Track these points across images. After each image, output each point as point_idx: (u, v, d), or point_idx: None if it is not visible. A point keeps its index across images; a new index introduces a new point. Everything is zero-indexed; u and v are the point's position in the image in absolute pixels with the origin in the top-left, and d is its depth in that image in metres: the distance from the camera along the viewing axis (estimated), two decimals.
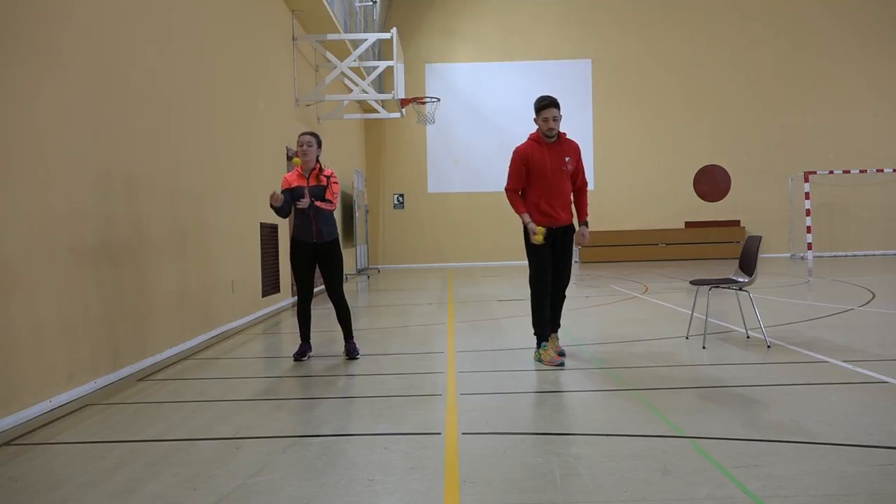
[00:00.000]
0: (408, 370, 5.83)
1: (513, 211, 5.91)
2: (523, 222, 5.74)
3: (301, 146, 6.21)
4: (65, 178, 5.00)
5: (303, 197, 6.04)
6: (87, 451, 3.86)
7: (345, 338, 6.34)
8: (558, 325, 6.10)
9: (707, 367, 5.55)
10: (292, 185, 6.22)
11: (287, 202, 6.13)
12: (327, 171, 6.33)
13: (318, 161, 6.33)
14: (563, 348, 6.05)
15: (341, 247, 6.42)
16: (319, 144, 6.35)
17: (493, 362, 6.02)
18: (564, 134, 5.86)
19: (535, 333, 5.85)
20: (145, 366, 6.08)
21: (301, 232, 6.23)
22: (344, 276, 6.41)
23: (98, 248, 5.40)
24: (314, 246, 6.23)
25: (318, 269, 6.39)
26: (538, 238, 5.58)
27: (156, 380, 5.67)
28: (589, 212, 6.06)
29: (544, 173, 5.70)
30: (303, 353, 6.27)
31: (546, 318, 5.83)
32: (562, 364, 5.61)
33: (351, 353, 6.24)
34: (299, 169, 6.28)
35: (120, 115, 5.86)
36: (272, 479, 3.27)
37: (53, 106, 4.90)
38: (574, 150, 5.85)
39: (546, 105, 5.69)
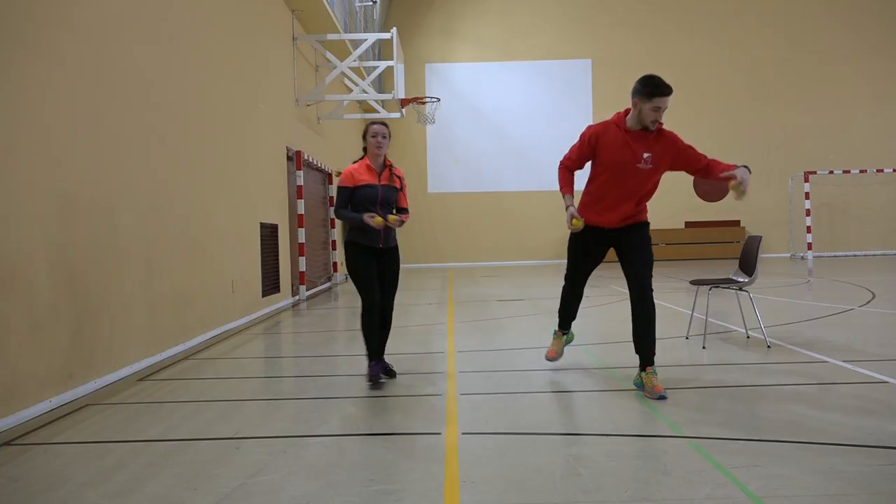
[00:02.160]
0: (408, 370, 5.82)
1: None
2: (565, 203, 4.86)
3: (375, 137, 5.28)
4: (65, 178, 5.00)
5: (389, 217, 5.17)
6: (87, 451, 3.86)
7: (381, 354, 5.43)
8: (650, 353, 4.73)
9: (707, 367, 5.54)
10: (360, 183, 5.26)
11: (356, 213, 5.24)
12: (398, 171, 5.49)
13: (386, 156, 5.46)
14: (664, 391, 4.61)
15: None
16: (390, 136, 5.45)
17: (493, 362, 6.02)
18: (660, 126, 4.76)
19: (558, 313, 5.50)
20: (145, 366, 6.08)
21: (363, 236, 5.31)
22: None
23: (98, 247, 5.40)
24: (379, 251, 5.39)
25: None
26: (577, 223, 4.76)
27: (156, 380, 5.67)
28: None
29: (613, 165, 4.75)
30: (378, 373, 5.26)
31: (569, 312, 5.40)
32: (553, 360, 5.44)
33: (390, 371, 5.47)
34: (368, 162, 5.34)
35: (120, 114, 5.86)
36: (272, 479, 3.27)
37: (53, 106, 4.90)
38: (666, 142, 4.75)
39: (662, 93, 4.57)
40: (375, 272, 5.36)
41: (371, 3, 19.38)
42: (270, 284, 10.54)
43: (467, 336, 7.55)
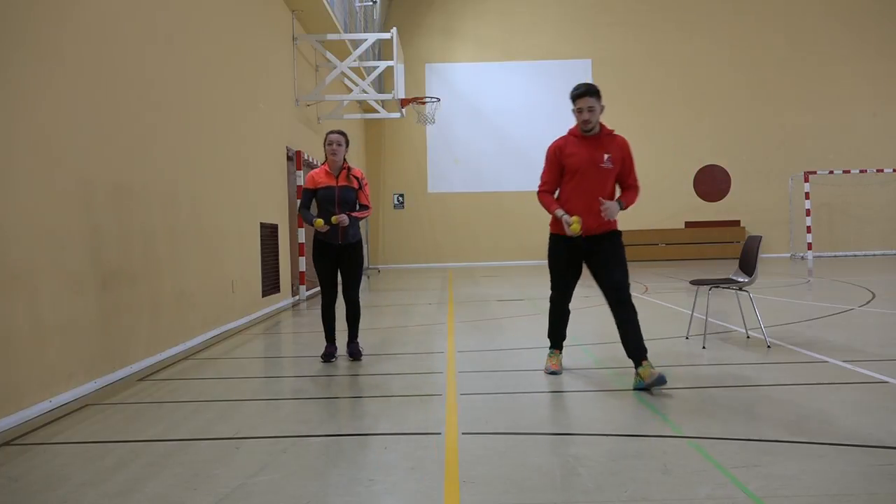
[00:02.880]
0: (408, 370, 5.83)
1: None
2: (556, 217, 5.06)
3: (330, 145, 6.05)
4: (65, 178, 5.00)
5: (339, 213, 5.93)
6: (87, 451, 3.86)
7: (350, 337, 6.26)
8: (642, 349, 4.84)
9: (707, 367, 5.54)
10: (319, 185, 6.04)
11: (311, 216, 6.02)
12: (357, 171, 6.15)
13: (345, 160, 6.15)
14: (660, 372, 4.78)
15: (363, 247, 6.31)
16: (347, 143, 6.18)
17: (493, 362, 6.02)
18: (612, 131, 5.17)
19: (547, 336, 5.60)
20: (145, 366, 6.08)
21: (326, 234, 6.04)
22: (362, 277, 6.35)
23: (98, 247, 5.40)
24: (339, 247, 6.09)
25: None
26: (575, 228, 4.83)
27: (156, 380, 5.67)
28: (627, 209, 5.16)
29: (577, 169, 5.00)
30: (331, 353, 6.18)
31: (558, 327, 5.48)
32: (554, 373, 5.34)
33: (354, 354, 6.20)
34: (327, 167, 6.10)
35: (120, 115, 5.86)
36: (272, 479, 3.27)
37: (54, 106, 4.90)
38: (619, 146, 5.07)
39: (580, 94, 4.97)
40: (333, 271, 6.16)
41: (371, 3, 19.38)
42: (270, 284, 10.54)
43: (467, 336, 7.55)
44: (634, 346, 4.85)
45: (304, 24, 13.17)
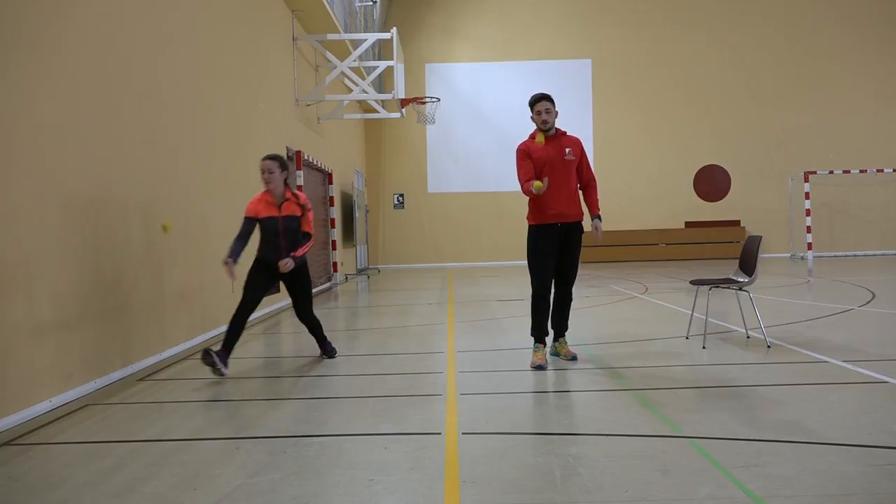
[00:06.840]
0: (408, 370, 5.83)
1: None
2: (532, 189, 5.50)
3: (262, 173, 5.83)
4: (65, 179, 5.00)
5: (288, 257, 5.83)
6: (87, 451, 3.86)
7: (319, 344, 6.30)
8: (565, 328, 5.97)
9: (707, 367, 5.54)
10: (261, 216, 5.87)
11: (239, 251, 5.81)
12: (302, 198, 5.99)
13: (286, 185, 5.94)
14: (574, 352, 5.94)
15: (308, 267, 6.21)
16: (284, 168, 5.91)
17: (493, 362, 6.01)
18: (565, 131, 5.86)
19: (531, 334, 5.79)
20: (145, 366, 6.08)
21: (268, 255, 5.94)
22: (313, 297, 6.16)
23: (98, 248, 5.40)
24: (279, 272, 5.92)
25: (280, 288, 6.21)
26: (538, 185, 5.42)
27: (156, 380, 5.67)
28: (601, 206, 6.03)
29: (546, 162, 5.68)
30: (222, 361, 5.62)
31: (542, 321, 5.75)
32: (540, 367, 5.52)
33: (330, 353, 6.24)
34: (268, 195, 5.89)
35: (120, 115, 5.86)
36: (272, 479, 3.27)
37: (54, 106, 4.90)
38: (575, 143, 5.83)
39: (537, 99, 5.75)
40: (264, 285, 5.95)
41: (371, 3, 19.38)
42: None
43: (467, 336, 7.55)
44: (561, 322, 5.95)
45: (304, 24, 13.17)
